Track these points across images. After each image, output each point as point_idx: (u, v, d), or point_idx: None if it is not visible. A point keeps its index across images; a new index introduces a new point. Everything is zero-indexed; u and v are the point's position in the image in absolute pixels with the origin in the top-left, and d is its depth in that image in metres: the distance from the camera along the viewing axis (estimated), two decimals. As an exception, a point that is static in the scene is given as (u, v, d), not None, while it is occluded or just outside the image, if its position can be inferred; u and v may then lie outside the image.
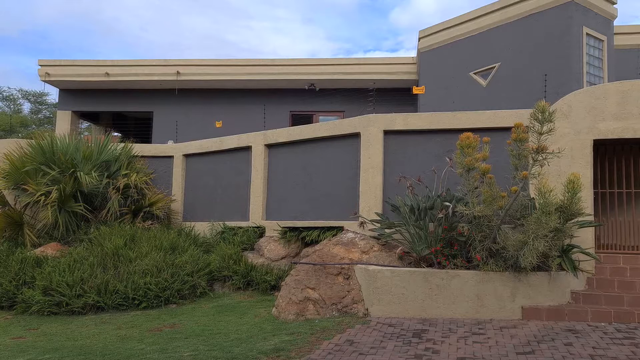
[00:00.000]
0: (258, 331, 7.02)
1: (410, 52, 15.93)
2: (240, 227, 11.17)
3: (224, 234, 11.20)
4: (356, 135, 9.89)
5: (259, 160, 11.31)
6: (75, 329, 7.68)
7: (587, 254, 7.87)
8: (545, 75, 11.46)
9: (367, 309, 7.74)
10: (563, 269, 7.61)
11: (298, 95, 17.38)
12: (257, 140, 11.42)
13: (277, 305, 8.08)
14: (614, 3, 12.66)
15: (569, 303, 7.51)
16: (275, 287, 9.37)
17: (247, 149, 11.63)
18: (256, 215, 11.14)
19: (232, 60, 17.25)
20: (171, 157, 13.16)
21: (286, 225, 10.47)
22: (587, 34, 11.96)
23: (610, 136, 8.47)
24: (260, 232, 11.00)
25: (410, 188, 8.67)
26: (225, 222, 11.57)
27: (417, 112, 13.90)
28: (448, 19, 14.38)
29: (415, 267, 8.04)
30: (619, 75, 12.46)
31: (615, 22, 13.03)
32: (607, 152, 9.16)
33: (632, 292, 7.56)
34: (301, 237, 10.21)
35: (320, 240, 9.61)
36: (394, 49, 57.90)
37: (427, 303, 7.53)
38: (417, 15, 54.09)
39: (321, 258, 8.55)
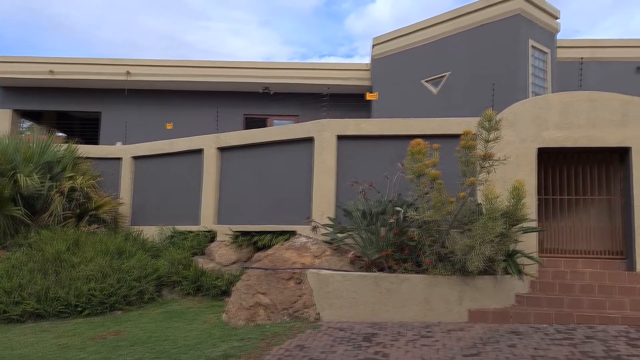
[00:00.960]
0: (207, 337, 6.88)
1: (365, 59, 16.28)
2: (191, 232, 10.95)
3: (174, 239, 10.95)
4: (310, 140, 9.90)
5: (211, 163, 11.13)
6: (13, 338, 7.29)
7: (531, 258, 8.16)
8: (493, 84, 11.84)
9: (318, 314, 7.73)
10: (508, 273, 7.85)
11: (252, 99, 17.24)
12: (209, 143, 11.24)
13: (227, 310, 7.95)
14: (556, 18, 13.24)
15: (513, 306, 7.75)
16: (226, 293, 9.22)
17: (199, 151, 11.42)
18: (207, 220, 10.95)
19: (184, 61, 16.92)
20: (119, 159, 12.76)
21: (238, 230, 10.33)
22: (533, 46, 12.45)
23: (553, 145, 8.83)
24: (211, 236, 10.81)
25: (363, 193, 8.74)
26: (176, 227, 11.31)
27: (370, 117, 14.05)
28: (401, 27, 14.64)
29: (367, 271, 8.10)
30: (562, 86, 13.03)
31: (558, 36, 13.63)
32: (550, 160, 9.54)
33: (571, 295, 7.88)
34: (253, 242, 10.10)
35: (273, 245, 9.53)
36: (349, 55, 58.50)
37: (378, 307, 7.59)
38: (372, 23, 54.89)
39: (273, 263, 8.48)
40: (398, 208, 8.08)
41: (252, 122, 17.01)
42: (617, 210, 9.23)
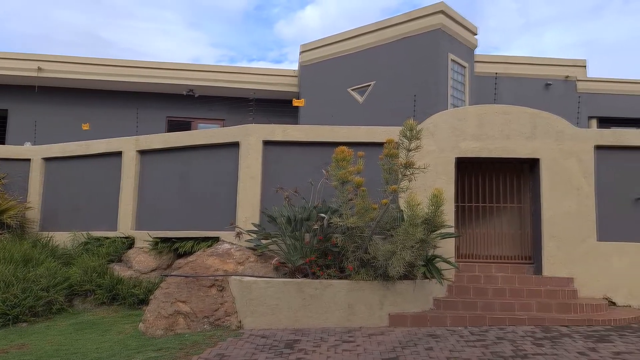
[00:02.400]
0: (121, 349, 6.53)
1: (294, 65, 16.33)
2: (107, 238, 10.41)
3: (88, 245, 10.34)
4: (235, 145, 9.74)
5: (130, 166, 10.65)
6: None
7: (449, 263, 8.47)
8: (415, 95, 12.25)
9: (240, 321, 7.58)
10: (427, 278, 8.11)
11: (176, 101, 16.72)
12: (128, 145, 10.76)
13: (145, 320, 7.60)
14: (474, 34, 13.96)
15: (431, 309, 8.01)
16: (144, 302, 8.83)
17: (118, 154, 10.89)
18: (125, 225, 10.46)
19: (103, 59, 16.10)
20: (28, 160, 11.90)
21: (158, 236, 9.95)
22: (452, 60, 13.04)
23: (470, 155, 9.25)
24: (129, 242, 10.33)
25: (287, 199, 8.70)
26: (90, 232, 10.70)
27: (297, 124, 14.08)
28: (328, 36, 14.84)
29: (291, 277, 8.06)
30: (479, 99, 13.73)
31: (476, 52, 14.37)
32: (467, 169, 9.99)
33: (484, 298, 8.26)
34: (174, 249, 9.76)
35: (195, 252, 9.27)
36: (278, 60, 58.44)
37: (301, 313, 7.56)
38: (302, 29, 55.23)
39: (194, 270, 8.23)
40: (322, 214, 8.12)
41: (176, 125, 16.50)
42: (527, 217, 9.83)
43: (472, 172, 10.08)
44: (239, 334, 7.11)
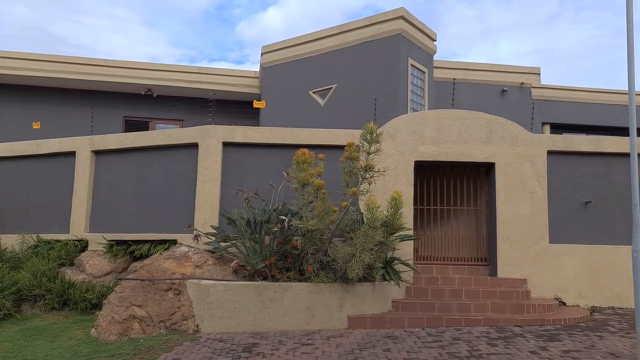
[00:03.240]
0: (72, 355, 6.31)
1: (256, 66, 16.13)
2: (59, 241, 10.04)
3: (38, 248, 9.95)
4: (194, 146, 9.58)
5: (84, 167, 10.32)
6: None
7: (407, 265, 8.58)
8: (376, 99, 12.37)
9: (198, 325, 7.44)
10: (386, 280, 8.18)
11: (134, 101, 16.30)
12: (82, 145, 10.42)
13: (98, 325, 7.37)
14: (434, 40, 14.22)
15: (390, 311, 8.08)
16: (97, 306, 8.56)
17: (71, 154, 10.53)
18: (78, 228, 10.12)
19: (54, 56, 15.46)
20: (-25, 159, 11.37)
21: (113, 239, 9.67)
22: (412, 65, 13.24)
23: (428, 158, 9.41)
24: (82, 246, 10.00)
25: (247, 201, 8.62)
26: (41, 235, 10.31)
27: (258, 125, 13.98)
28: (290, 38, 14.80)
29: (250, 280, 7.98)
30: (438, 104, 13.99)
31: (435, 57, 14.64)
32: (426, 172, 10.15)
33: (441, 299, 8.40)
34: (130, 251, 9.51)
35: (151, 255, 9.05)
36: (240, 61, 57.91)
37: (260, 316, 7.49)
38: (264, 30, 54.95)
39: (150, 273, 8.04)
40: (282, 217, 8.07)
41: (134, 125, 16.10)
42: (483, 220, 10.06)
43: (430, 175, 10.26)
44: (196, 338, 6.98)
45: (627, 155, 9.46)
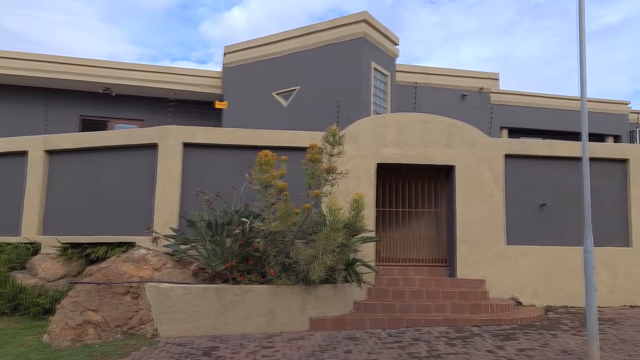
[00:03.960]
0: (22, 364, 6.06)
1: (220, 66, 15.84)
2: (9, 243, 9.63)
3: (-13, 252, 9.53)
4: (154, 146, 9.38)
5: (36, 167, 9.94)
6: None
7: (369, 266, 8.64)
8: (339, 101, 12.42)
9: (156, 330, 7.28)
10: (348, 281, 8.21)
11: (91, 100, 15.81)
12: (35, 145, 10.04)
13: (50, 331, 7.11)
14: (396, 44, 14.39)
15: (351, 312, 8.11)
16: (50, 311, 8.25)
17: (23, 154, 10.13)
18: (30, 230, 9.74)
19: (4, 52, 14.89)
20: None
21: (68, 241, 9.34)
22: (375, 68, 13.35)
23: (390, 161, 9.50)
24: (34, 249, 9.62)
25: (208, 203, 8.49)
26: (-10, 238, 9.87)
27: (220, 126, 13.80)
28: (253, 39, 14.70)
29: (210, 283, 7.86)
30: (400, 107, 14.16)
31: (398, 61, 14.82)
32: (388, 174, 10.25)
33: (402, 300, 8.49)
34: (85, 254, 9.21)
35: (108, 258, 8.79)
36: (203, 61, 57.13)
37: (221, 320, 7.39)
38: (228, 30, 54.39)
39: (107, 277, 7.81)
40: (244, 219, 7.99)
41: (91, 125, 15.61)
42: (443, 222, 10.23)
43: (392, 177, 10.36)
44: (154, 342, 6.82)
45: (579, 159, 9.77)
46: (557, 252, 9.56)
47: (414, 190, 10.38)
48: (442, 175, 10.30)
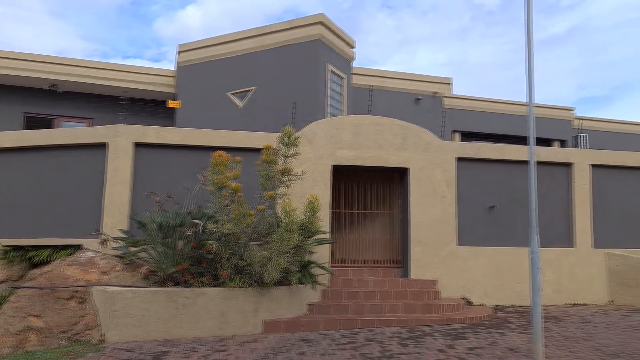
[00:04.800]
0: (-44, 374, 5.72)
1: (173, 65, 15.43)
2: (-55, 247, 9.08)
3: None
4: (103, 146, 9.08)
5: (-24, 166, 9.43)
6: None
7: (323, 268, 8.64)
8: (294, 103, 12.40)
9: (103, 335, 7.03)
10: (302, 283, 8.18)
11: (36, 96, 15.12)
12: (-26, 142, 9.52)
13: (-12, 339, 6.75)
14: (352, 47, 14.50)
15: (305, 314, 8.09)
16: (-11, 318, 7.83)
17: (-39, 152, 9.59)
18: (-32, 232, 9.22)
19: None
20: None
21: (9, 244, 8.86)
22: (331, 70, 13.41)
23: (345, 163, 9.55)
24: (-27, 252, 9.10)
25: (159, 204, 8.29)
26: None
27: (174, 126, 13.51)
28: (208, 38, 14.48)
29: (161, 286, 7.66)
30: (355, 110, 14.27)
31: (354, 64, 14.93)
32: (343, 176, 10.30)
33: (356, 301, 8.53)
34: (28, 258, 8.75)
35: (53, 261, 8.41)
36: (157, 59, 55.90)
37: (172, 323, 7.21)
38: (182, 29, 53.47)
39: (51, 281, 7.49)
40: (197, 220, 7.84)
41: (36, 123, 14.94)
42: (397, 223, 10.36)
43: (348, 179, 10.42)
44: (101, 348, 6.59)
45: (527, 162, 10.13)
46: (506, 253, 9.85)
47: (369, 192, 10.48)
48: (397, 177, 10.43)
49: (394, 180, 10.53)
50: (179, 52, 14.84)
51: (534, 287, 6.01)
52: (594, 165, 10.56)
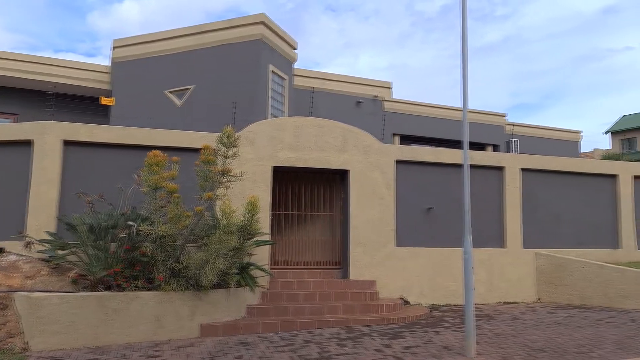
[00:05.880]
0: None
1: (109, 60, 14.72)
2: None
3: None
4: (28, 143, 8.57)
5: None
6: None
7: (263, 270, 8.55)
8: (235, 103, 12.23)
9: (27, 343, 6.61)
10: (241, 286, 8.06)
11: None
12: None
13: None
14: (294, 48, 14.50)
15: (244, 317, 7.97)
16: None
17: None
18: None
19: None
20: None
21: None
22: (273, 71, 13.35)
23: (287, 164, 9.51)
24: None
25: (91, 205, 7.92)
26: None
27: (108, 124, 12.98)
28: (146, 33, 14.05)
29: (92, 291, 7.31)
30: (297, 111, 14.26)
31: (296, 66, 14.94)
32: (284, 177, 10.25)
33: (296, 303, 8.50)
34: (-57, 262, 8.16)
35: (-29, 266, 7.85)
36: (91, 54, 53.83)
37: (102, 329, 6.89)
38: (120, 23, 51.68)
39: (-32, 287, 6.97)
40: (130, 222, 7.54)
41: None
42: (338, 225, 10.43)
43: (289, 181, 10.37)
44: (24, 357, 6.19)
45: (461, 165, 10.48)
46: (442, 254, 10.13)
47: (310, 193, 10.48)
48: (337, 179, 10.50)
49: (335, 182, 10.59)
50: (114, 47, 14.28)
51: (467, 286, 6.21)
52: (523, 169, 11.07)
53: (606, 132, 39.83)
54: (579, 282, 10.19)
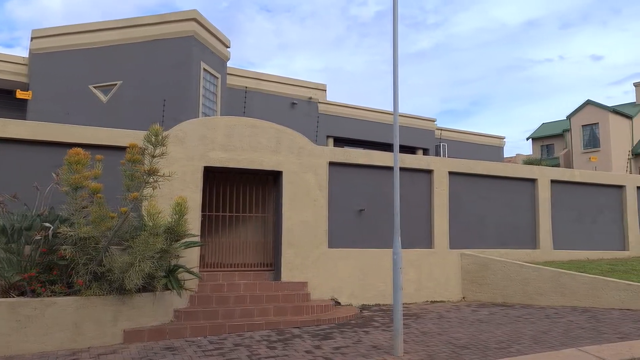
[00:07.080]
0: None
1: (27, 51, 13.79)
2: None
3: None
4: None
5: None
6: None
7: (192, 272, 8.30)
8: (165, 100, 11.86)
9: None
10: (169, 289, 7.78)
11: None
12: None
13: None
14: (228, 47, 14.27)
15: (171, 321, 7.71)
16: None
17: None
18: None
19: None
20: None
21: None
22: (205, 69, 13.06)
23: (218, 164, 9.31)
24: None
25: (3, 205, 7.38)
26: None
27: (25, 119, 12.18)
28: (69, 25, 13.32)
29: (3, 297, 6.80)
30: (230, 110, 14.04)
31: (230, 65, 14.71)
32: (215, 178, 10.03)
33: (226, 306, 8.33)
34: None
35: None
36: (9, 45, 50.44)
37: (14, 338, 6.42)
38: (41, 12, 48.79)
39: None
40: (47, 224, 7.08)
41: None
42: (270, 226, 10.34)
43: (220, 181, 10.17)
44: None
45: (392, 168, 10.71)
46: (373, 254, 10.29)
47: (242, 194, 10.32)
48: (270, 180, 10.42)
49: (267, 183, 10.50)
50: (33, 38, 13.44)
51: (396, 287, 6.32)
52: (451, 173, 11.47)
53: (528, 138, 42.18)
54: (501, 281, 10.68)
